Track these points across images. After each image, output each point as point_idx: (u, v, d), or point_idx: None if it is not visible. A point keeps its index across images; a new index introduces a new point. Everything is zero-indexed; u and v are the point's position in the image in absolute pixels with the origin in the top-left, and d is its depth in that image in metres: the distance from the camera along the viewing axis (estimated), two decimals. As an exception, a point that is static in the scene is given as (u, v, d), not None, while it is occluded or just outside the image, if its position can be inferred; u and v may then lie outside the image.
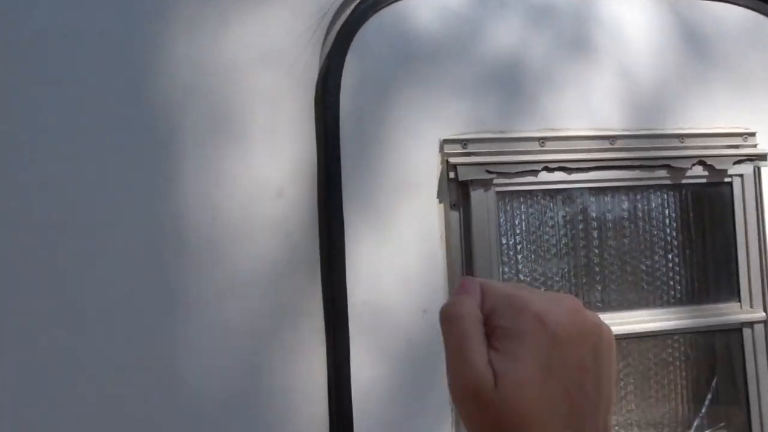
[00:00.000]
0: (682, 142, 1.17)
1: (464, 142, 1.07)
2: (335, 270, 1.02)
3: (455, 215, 1.07)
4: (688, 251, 1.22)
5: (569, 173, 1.10)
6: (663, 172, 1.15)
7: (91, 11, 0.99)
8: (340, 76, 1.04)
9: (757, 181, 1.20)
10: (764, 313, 1.18)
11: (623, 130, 1.16)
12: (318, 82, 1.04)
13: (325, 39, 1.05)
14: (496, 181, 1.07)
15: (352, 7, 1.04)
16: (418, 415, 1.06)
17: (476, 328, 0.42)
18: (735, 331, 1.18)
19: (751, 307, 1.19)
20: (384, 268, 1.05)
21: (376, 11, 1.06)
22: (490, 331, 0.42)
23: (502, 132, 1.10)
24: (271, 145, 1.03)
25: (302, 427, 1.02)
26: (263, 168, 1.02)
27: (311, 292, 1.03)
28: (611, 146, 1.14)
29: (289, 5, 1.05)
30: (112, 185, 0.97)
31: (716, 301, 1.20)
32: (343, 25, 1.04)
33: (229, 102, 1.02)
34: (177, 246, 0.98)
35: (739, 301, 1.19)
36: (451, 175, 1.06)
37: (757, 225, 1.19)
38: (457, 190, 1.07)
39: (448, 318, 0.43)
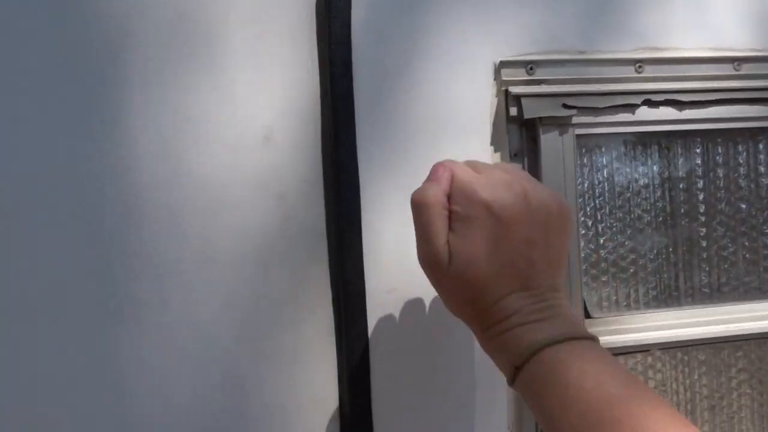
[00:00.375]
0: (835, 65, 0.83)
1: (530, 66, 0.75)
2: (348, 245, 0.72)
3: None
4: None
5: (679, 109, 0.78)
6: (808, 107, 0.82)
7: None
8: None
9: None
10: None
11: (752, 50, 0.82)
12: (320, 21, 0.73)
13: None
14: (576, 119, 0.75)
15: None
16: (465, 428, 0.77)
17: (438, 212, 0.53)
18: None
19: None
20: (414, 245, 0.75)
21: None
22: (450, 215, 0.54)
23: (582, 52, 0.77)
24: (254, 73, 0.72)
25: None
26: (244, 104, 0.72)
27: (315, 276, 0.73)
28: (736, 72, 0.80)
29: None
30: (30, 128, 0.68)
31: None
32: None
33: (195, 13, 0.72)
34: (124, 215, 0.69)
35: None
36: (512, 111, 0.74)
37: None
38: (520, 133, 0.75)
39: (416, 204, 0.56)
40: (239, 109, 0.71)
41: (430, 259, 0.54)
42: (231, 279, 0.72)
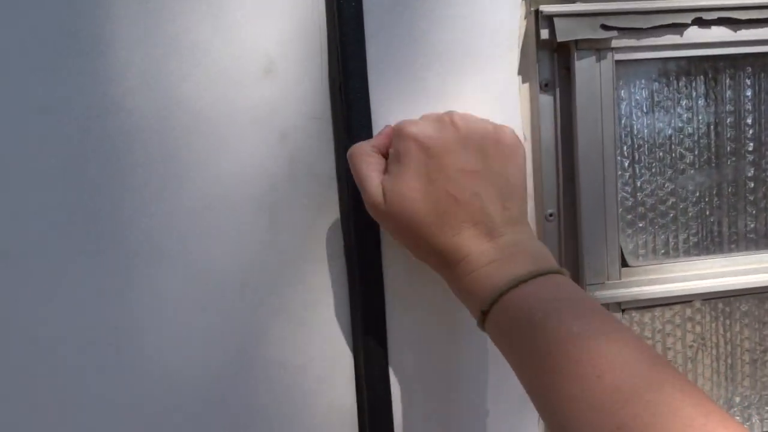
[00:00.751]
0: None
1: (565, -18, 0.66)
2: (360, 191, 0.64)
3: (548, 100, 0.67)
4: None
5: (735, 29, 0.68)
6: None
7: None
8: None
9: None
10: None
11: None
12: None
13: None
14: (615, 43, 0.66)
15: None
16: (496, 386, 0.71)
17: (364, 159, 0.54)
18: None
19: None
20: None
21: None
22: (387, 159, 0.54)
23: (624, -35, 0.68)
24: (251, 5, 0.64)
25: (318, 418, 0.68)
26: (241, 30, 0.64)
27: (325, 223, 0.67)
28: (797, -14, 0.70)
29: None
30: (2, 67, 0.60)
31: None
32: None
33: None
34: (112, 159, 0.62)
35: None
36: (544, 34, 0.65)
37: None
38: (551, 60, 0.67)
39: (348, 157, 0.57)
40: (236, 36, 0.63)
41: (369, 203, 0.54)
42: (232, 228, 0.65)
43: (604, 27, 0.64)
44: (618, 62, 0.67)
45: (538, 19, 0.65)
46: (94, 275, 0.63)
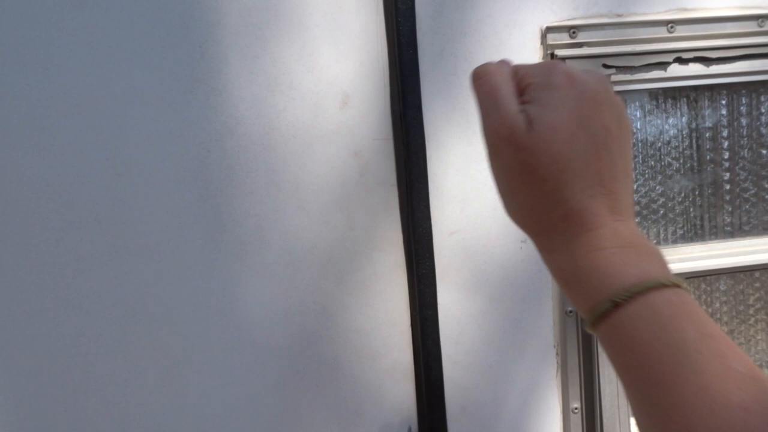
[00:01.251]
0: None
1: (573, 30, 0.85)
2: (416, 194, 0.84)
3: (561, 123, 0.87)
4: None
5: (708, 64, 0.87)
6: (826, 61, 0.91)
7: None
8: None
9: None
10: None
11: (774, 7, 0.91)
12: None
13: None
14: (614, 77, 0.85)
15: None
16: (517, 360, 0.90)
17: (505, 80, 0.43)
18: None
19: None
20: (473, 192, 0.86)
21: None
22: (522, 89, 0.43)
23: (619, 15, 0.87)
24: (332, 43, 0.83)
25: (383, 374, 0.88)
26: (324, 71, 0.83)
27: (388, 221, 0.86)
28: (761, 29, 0.89)
29: None
30: (146, 102, 0.80)
31: None
32: None
33: (300, 28, 0.82)
34: (228, 169, 0.82)
35: None
36: (557, 72, 0.84)
37: None
38: (564, 92, 0.86)
39: (477, 75, 0.44)
40: (320, 78, 0.83)
41: (502, 127, 0.43)
42: (318, 224, 0.84)
43: (605, 66, 0.83)
44: (617, 92, 0.86)
45: (553, 59, 0.84)
46: (215, 261, 0.82)
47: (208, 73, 0.81)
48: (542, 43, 0.85)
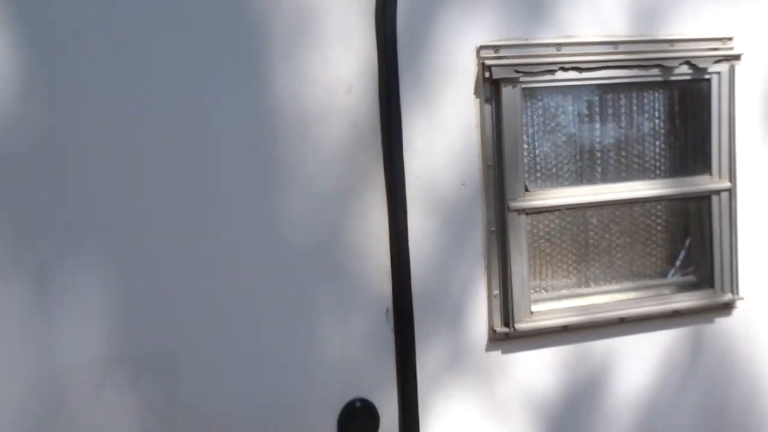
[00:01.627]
0: (672, 46, 1.42)
1: (496, 48, 1.33)
2: (395, 152, 1.30)
3: (488, 108, 1.34)
4: (672, 136, 1.51)
5: (580, 72, 1.36)
6: (656, 71, 1.42)
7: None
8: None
9: (732, 77, 1.46)
10: (729, 183, 1.49)
11: (625, 36, 1.41)
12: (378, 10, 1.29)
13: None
14: (522, 79, 1.33)
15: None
16: (458, 261, 1.38)
17: None
18: (706, 197, 1.49)
19: (720, 178, 1.49)
20: (432, 150, 1.33)
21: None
22: None
23: (526, 39, 1.35)
24: (342, 51, 1.28)
25: (370, 272, 1.34)
26: (336, 70, 1.28)
27: (377, 171, 1.32)
28: (615, 50, 1.39)
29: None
30: (218, 87, 1.23)
31: (694, 173, 1.50)
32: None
33: (308, 16, 1.26)
34: (273, 133, 1.26)
35: (710, 174, 1.49)
36: (486, 74, 1.32)
37: (729, 114, 1.48)
38: (490, 87, 1.33)
39: None
40: (333, 74, 1.27)
41: None
42: (329, 171, 1.29)
43: (516, 71, 1.31)
44: (523, 89, 1.34)
45: (483, 67, 1.31)
46: (266, 192, 1.26)
47: (260, 67, 1.24)
48: (477, 56, 1.33)
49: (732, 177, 1.50)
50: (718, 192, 1.49)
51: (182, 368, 1.24)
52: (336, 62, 1.28)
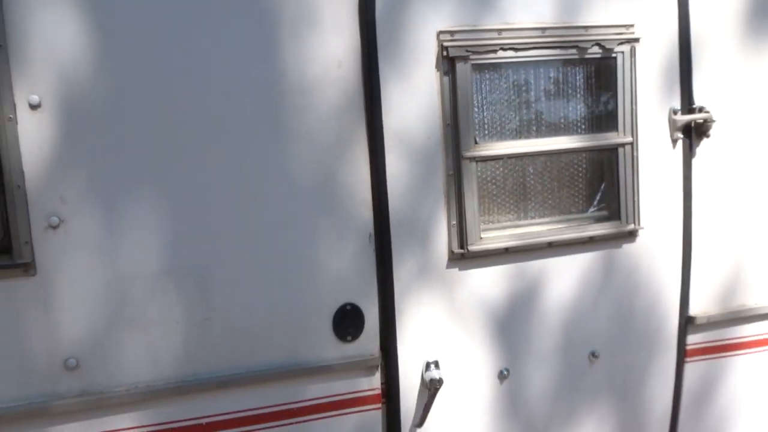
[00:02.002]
0: (586, 31, 1.84)
1: (452, 33, 1.73)
2: (375, 113, 1.70)
3: (446, 79, 1.75)
4: (588, 101, 1.94)
5: (516, 51, 1.78)
6: (574, 51, 1.84)
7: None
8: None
9: (633, 56, 1.90)
10: (631, 138, 1.93)
11: (551, 23, 1.82)
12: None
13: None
14: (471, 57, 1.74)
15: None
16: (424, 195, 1.79)
17: None
18: (614, 149, 1.93)
19: (624, 134, 1.93)
20: (405, 110, 1.73)
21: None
22: None
23: (475, 26, 1.75)
24: (333, 34, 1.67)
25: (357, 205, 1.73)
26: (329, 49, 1.67)
27: (360, 127, 1.71)
28: (543, 34, 1.81)
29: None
30: (241, 61, 1.60)
31: (605, 131, 1.94)
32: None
33: (308, 8, 1.64)
34: (279, 98, 1.64)
35: (617, 131, 1.93)
36: (444, 53, 1.72)
37: (630, 84, 1.91)
38: (447, 63, 1.74)
39: None
40: (327, 52, 1.66)
41: None
42: (324, 130, 1.68)
43: (467, 51, 1.72)
44: (472, 65, 1.75)
45: (442, 48, 1.71)
46: (277, 134, 1.65)
47: (270, 47, 1.62)
48: (437, 38, 1.72)
49: (633, 133, 1.94)
50: (623, 145, 1.94)
51: (214, 278, 1.62)
52: (329, 43, 1.66)
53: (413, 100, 1.73)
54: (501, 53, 1.77)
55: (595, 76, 1.93)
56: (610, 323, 2.03)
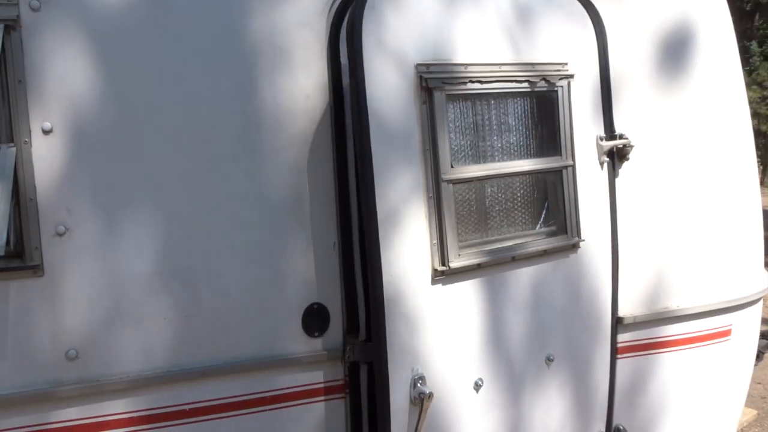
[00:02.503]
0: (534, 68, 2.10)
1: (428, 66, 1.88)
2: (340, 147, 1.79)
3: (425, 107, 1.89)
4: (539, 129, 2.18)
5: (482, 84, 1.98)
6: (526, 84, 2.08)
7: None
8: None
9: (569, 89, 2.18)
10: (571, 161, 2.20)
11: (507, 60, 2.06)
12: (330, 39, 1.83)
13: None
14: (446, 87, 1.90)
15: None
16: (406, 215, 1.89)
17: None
18: (558, 171, 2.19)
19: (565, 158, 2.20)
20: (388, 139, 1.84)
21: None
22: None
23: (448, 60, 1.93)
24: (304, 73, 1.81)
25: (322, 219, 1.87)
26: (299, 84, 1.80)
27: (327, 151, 1.79)
28: (500, 69, 2.03)
29: None
30: (225, 93, 1.62)
31: (551, 155, 2.19)
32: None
33: (283, 51, 1.77)
34: (256, 126, 1.79)
35: (560, 155, 2.19)
36: (423, 84, 1.87)
37: (569, 114, 2.19)
38: (425, 93, 1.88)
39: None
40: (297, 86, 1.76)
41: None
42: (294, 153, 1.80)
43: (442, 82, 1.88)
44: (447, 94, 1.91)
45: (421, 79, 1.86)
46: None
47: (248, 83, 1.66)
48: (416, 71, 1.87)
49: (572, 157, 2.21)
50: (565, 167, 2.20)
51: (199, 280, 1.79)
52: (299, 80, 1.82)
53: (396, 127, 1.85)
54: (470, 85, 1.96)
55: (541, 106, 2.18)
56: (563, 318, 2.25)
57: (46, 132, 1.61)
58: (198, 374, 1.81)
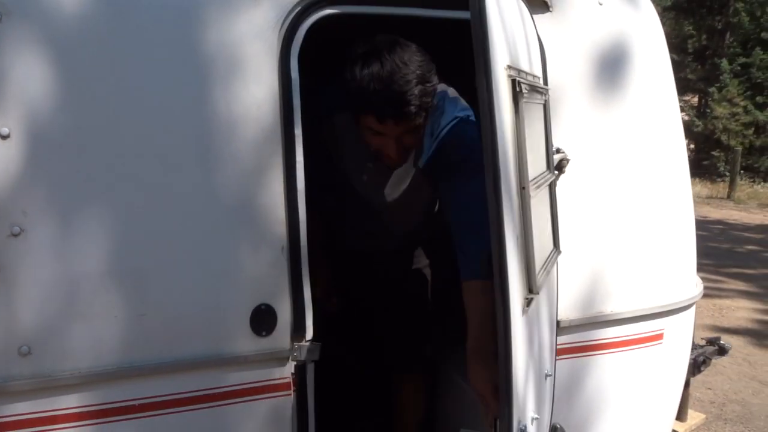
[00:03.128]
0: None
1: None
2: (289, 145, 2.03)
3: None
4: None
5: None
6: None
7: None
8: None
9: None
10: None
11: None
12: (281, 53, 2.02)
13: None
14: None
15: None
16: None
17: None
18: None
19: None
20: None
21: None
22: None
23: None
24: (256, 83, 1.99)
25: (271, 224, 2.01)
26: (252, 93, 1.99)
27: (277, 157, 2.03)
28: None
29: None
30: (180, 102, 1.90)
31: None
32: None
33: (237, 63, 1.97)
34: (209, 133, 1.94)
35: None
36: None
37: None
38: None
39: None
40: (250, 96, 1.99)
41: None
42: (245, 160, 1.99)
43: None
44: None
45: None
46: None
47: (208, 93, 1.94)
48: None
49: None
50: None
51: (149, 280, 1.87)
52: (252, 89, 1.97)
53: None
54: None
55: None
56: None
57: (3, 137, 1.70)
58: (148, 371, 1.87)
